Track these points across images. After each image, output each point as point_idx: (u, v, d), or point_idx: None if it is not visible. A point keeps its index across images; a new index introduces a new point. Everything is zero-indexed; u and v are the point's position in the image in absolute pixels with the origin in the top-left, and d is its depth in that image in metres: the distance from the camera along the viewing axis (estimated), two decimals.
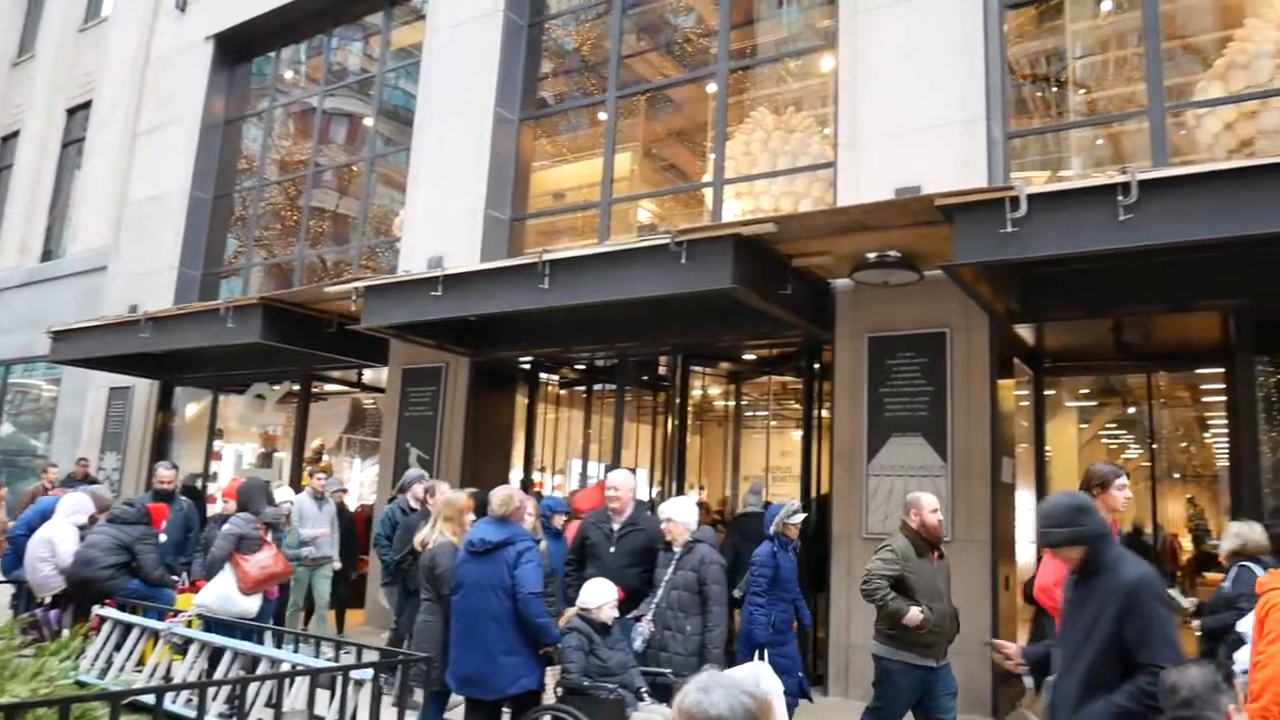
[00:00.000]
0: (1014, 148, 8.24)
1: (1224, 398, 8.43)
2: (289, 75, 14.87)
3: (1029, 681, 3.90)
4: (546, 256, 7.67)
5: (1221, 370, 8.05)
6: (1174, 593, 6.96)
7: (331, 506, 9.64)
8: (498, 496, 5.34)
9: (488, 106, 10.49)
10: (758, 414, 10.87)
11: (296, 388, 12.85)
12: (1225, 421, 9.60)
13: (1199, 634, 5.79)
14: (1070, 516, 3.40)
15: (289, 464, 12.86)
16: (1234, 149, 7.37)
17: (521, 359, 10.82)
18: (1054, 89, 9.77)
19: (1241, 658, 4.77)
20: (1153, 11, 7.37)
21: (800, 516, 6.49)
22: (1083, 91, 9.79)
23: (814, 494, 8.95)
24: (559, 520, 7.32)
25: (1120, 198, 5.55)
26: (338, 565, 9.47)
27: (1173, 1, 8.53)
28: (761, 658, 6.05)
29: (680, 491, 9.65)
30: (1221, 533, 6.06)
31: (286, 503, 8.39)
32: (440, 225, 10.48)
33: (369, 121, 13.31)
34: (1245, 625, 4.82)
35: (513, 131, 10.66)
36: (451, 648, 5.27)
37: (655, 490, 10.13)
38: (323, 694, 5.13)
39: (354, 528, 10.48)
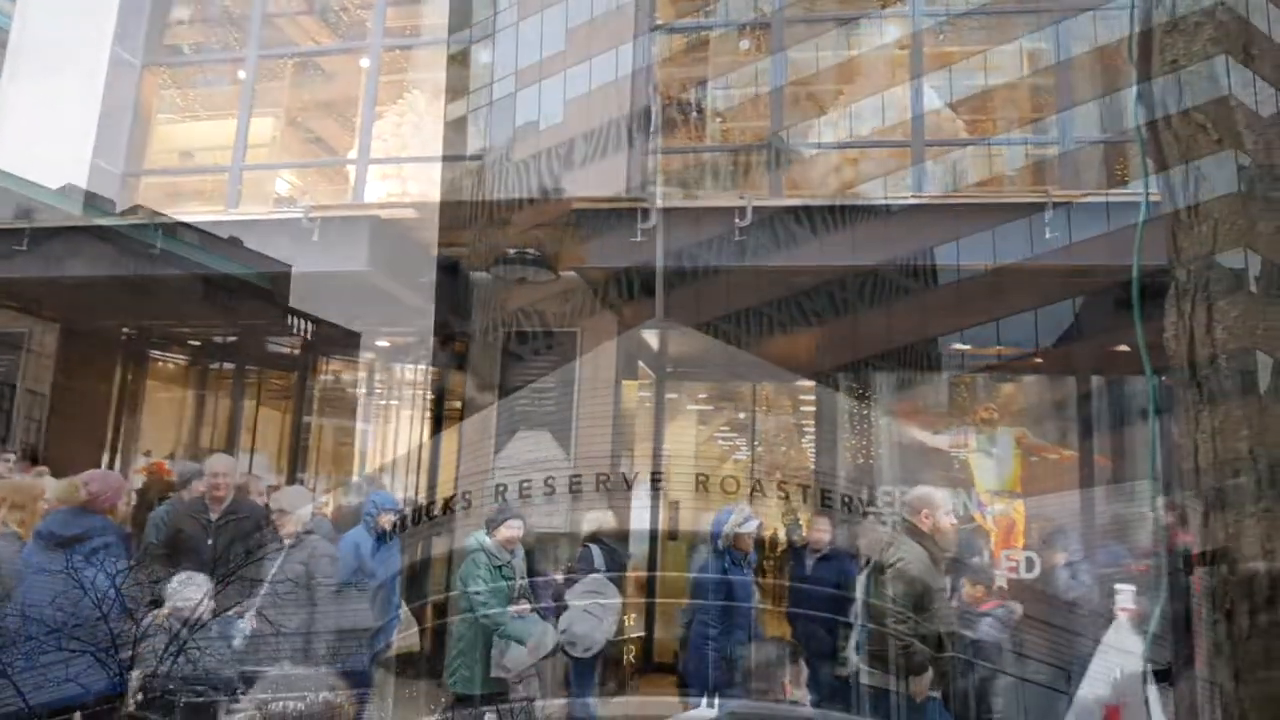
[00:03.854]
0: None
1: (814, 408, 9.44)
2: None
3: None
4: (161, 219, 6.99)
5: (813, 383, 9.01)
6: None
7: None
8: (66, 483, 4.76)
9: (103, 43, 9.32)
10: (390, 402, 10.62)
11: None
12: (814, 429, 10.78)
13: None
14: None
15: None
16: (838, 189, 8.30)
17: (125, 329, 9.74)
18: (696, 114, 10.48)
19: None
20: (781, 59, 8.09)
21: (754, 524, 5.54)
22: (720, 120, 10.60)
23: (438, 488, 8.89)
24: (387, 519, 6.05)
25: (738, 220, 6.07)
26: None
27: (801, 51, 9.46)
28: (710, 703, 4.98)
29: (294, 480, 9.20)
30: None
31: None
32: (34, 172, 9.14)
33: None
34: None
35: (134, 76, 9.55)
36: (5, 654, 4.61)
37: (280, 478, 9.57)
38: None
39: None
